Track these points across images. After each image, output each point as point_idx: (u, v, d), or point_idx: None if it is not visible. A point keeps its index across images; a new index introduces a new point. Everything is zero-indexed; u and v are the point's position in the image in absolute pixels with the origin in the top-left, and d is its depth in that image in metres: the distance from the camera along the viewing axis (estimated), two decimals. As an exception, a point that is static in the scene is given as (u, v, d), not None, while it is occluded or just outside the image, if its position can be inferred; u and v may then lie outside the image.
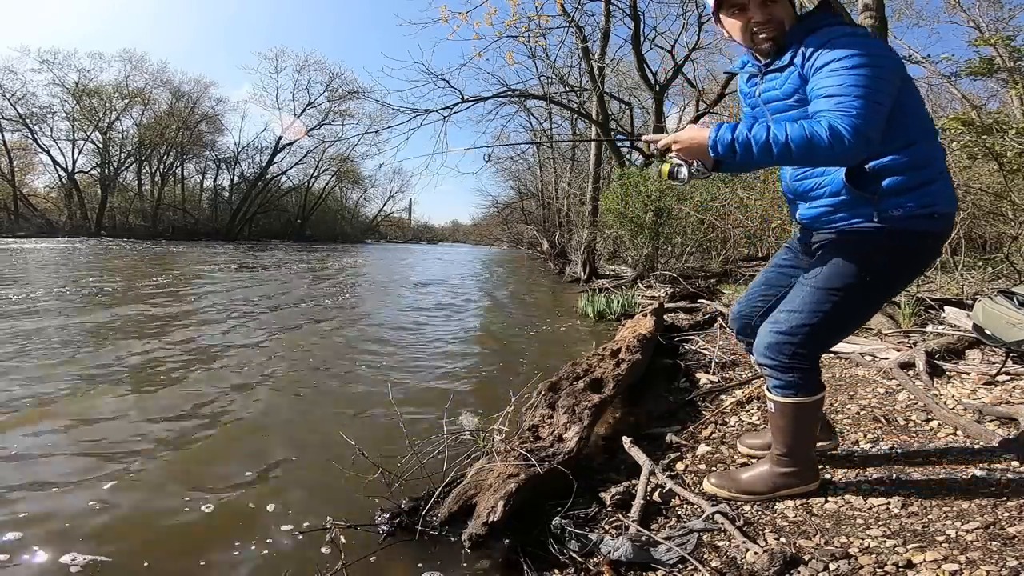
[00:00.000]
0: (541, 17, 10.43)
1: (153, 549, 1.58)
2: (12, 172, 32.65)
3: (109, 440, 2.36)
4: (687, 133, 1.45)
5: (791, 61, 1.43)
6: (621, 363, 2.79)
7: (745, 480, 1.70)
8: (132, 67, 35.48)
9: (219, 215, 41.54)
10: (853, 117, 1.23)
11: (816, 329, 1.51)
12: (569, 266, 13.60)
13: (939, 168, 1.45)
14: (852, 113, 1.24)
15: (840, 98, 1.27)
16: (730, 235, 8.52)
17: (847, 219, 1.48)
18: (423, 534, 1.61)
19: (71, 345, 4.08)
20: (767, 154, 1.30)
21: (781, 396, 1.58)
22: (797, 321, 1.52)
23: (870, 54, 1.30)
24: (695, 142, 1.43)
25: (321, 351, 4.26)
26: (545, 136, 20.59)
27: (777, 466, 1.66)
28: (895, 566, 1.28)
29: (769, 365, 1.57)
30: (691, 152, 1.47)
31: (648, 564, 1.41)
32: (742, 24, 1.48)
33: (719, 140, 1.35)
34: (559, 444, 1.94)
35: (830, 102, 1.28)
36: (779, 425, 1.61)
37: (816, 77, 1.35)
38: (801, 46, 1.40)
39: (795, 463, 1.65)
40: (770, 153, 1.30)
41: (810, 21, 1.44)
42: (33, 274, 9.64)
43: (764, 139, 1.29)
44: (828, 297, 1.49)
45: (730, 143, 1.34)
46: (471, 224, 49.09)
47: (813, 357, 1.56)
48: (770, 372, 1.58)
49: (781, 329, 1.54)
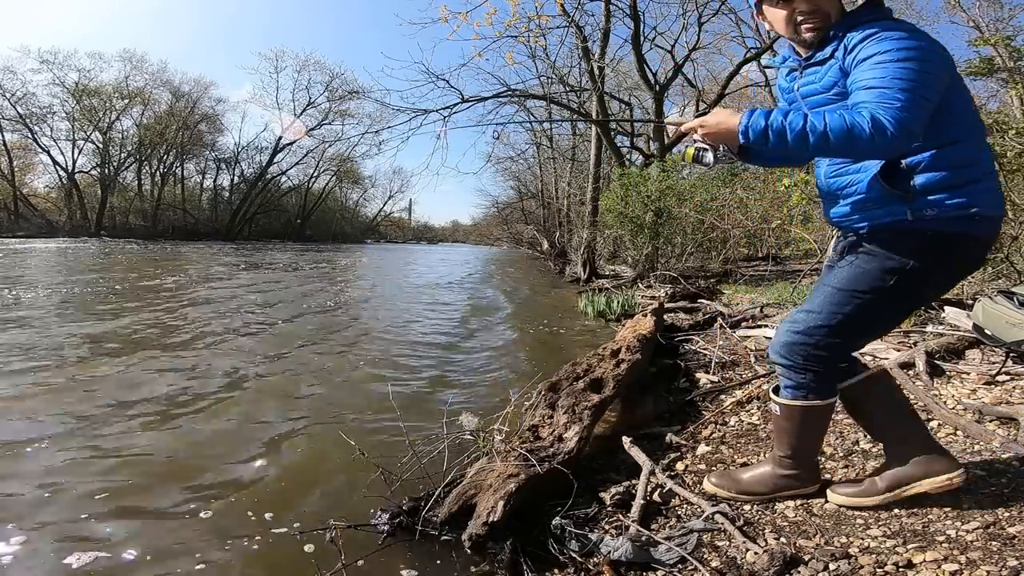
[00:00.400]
0: (541, 17, 10.45)
1: (153, 549, 1.58)
2: (12, 172, 32.62)
3: (108, 439, 2.36)
4: (715, 117, 1.40)
5: (832, 54, 1.37)
6: (621, 363, 2.79)
7: (746, 480, 1.70)
8: (132, 67, 35.50)
9: (219, 215, 41.53)
10: (897, 109, 1.18)
11: (835, 332, 1.44)
12: (569, 266, 13.60)
13: (985, 168, 1.36)
14: (896, 105, 1.18)
15: (883, 90, 1.21)
16: (730, 235, 8.53)
17: (878, 217, 1.41)
18: (423, 534, 1.61)
19: (70, 344, 4.08)
20: (802, 143, 1.24)
21: (789, 398, 1.54)
22: (815, 322, 1.46)
23: (918, 48, 1.24)
24: (724, 127, 1.37)
25: (321, 351, 4.26)
26: (546, 136, 20.62)
27: (779, 467, 1.65)
28: (895, 566, 1.28)
29: (782, 364, 1.52)
30: (718, 137, 1.41)
31: (648, 564, 1.41)
32: (786, 14, 1.42)
33: (751, 126, 1.29)
34: (559, 444, 1.94)
35: (872, 94, 1.22)
36: (784, 427, 1.59)
37: (858, 70, 1.29)
38: (843, 40, 1.35)
39: (797, 466, 1.63)
40: (805, 142, 1.23)
41: (856, 16, 1.38)
42: (33, 275, 9.64)
43: (800, 127, 1.23)
44: (850, 299, 1.42)
45: (763, 130, 1.28)
46: (471, 224, 49.14)
47: (830, 361, 1.49)
48: (782, 371, 1.54)
49: (798, 329, 1.49)
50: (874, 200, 1.40)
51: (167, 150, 38.46)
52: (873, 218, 1.42)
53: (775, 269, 8.91)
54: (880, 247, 1.41)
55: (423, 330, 5.39)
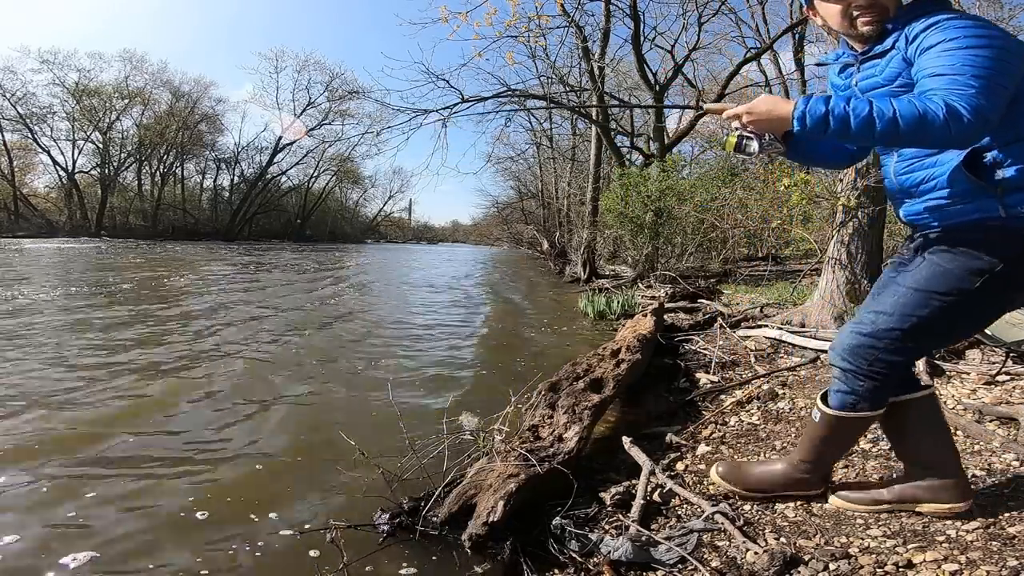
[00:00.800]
0: (541, 17, 10.44)
1: (153, 549, 1.58)
2: (12, 172, 32.64)
3: (108, 438, 2.36)
4: (764, 104, 1.31)
5: (893, 45, 1.30)
6: (621, 363, 2.79)
7: (755, 476, 1.68)
8: (132, 67, 35.54)
9: (219, 215, 41.54)
10: (972, 96, 1.11)
11: (907, 336, 1.33)
12: (569, 266, 13.60)
13: None
14: (970, 92, 1.11)
15: (955, 77, 1.14)
16: (730, 235, 8.52)
17: (965, 213, 1.29)
18: (423, 534, 1.61)
19: (68, 344, 4.08)
20: (867, 130, 1.16)
21: (838, 407, 1.44)
22: (886, 324, 1.35)
23: (988, 35, 1.17)
24: (774, 115, 1.28)
25: (321, 351, 4.26)
26: (546, 136, 20.62)
27: (794, 471, 1.61)
28: (895, 566, 1.27)
29: (843, 368, 1.41)
30: (766, 125, 1.32)
31: (648, 564, 1.41)
32: (841, 8, 1.36)
33: (809, 112, 1.21)
34: (559, 444, 1.94)
35: (942, 80, 1.15)
36: (818, 435, 1.50)
37: (924, 58, 1.21)
38: (903, 30, 1.28)
39: (814, 471, 1.60)
40: (871, 129, 1.15)
41: (916, 7, 1.31)
42: (34, 275, 9.64)
43: (866, 113, 1.15)
44: (927, 301, 1.31)
45: (822, 116, 1.19)
46: (471, 224, 49.24)
47: (896, 367, 1.39)
48: (840, 376, 1.43)
49: (865, 331, 1.38)
50: (959, 195, 1.29)
51: (167, 150, 38.47)
52: (957, 215, 1.31)
53: (775, 269, 8.92)
54: (968, 245, 1.29)
55: (423, 330, 5.39)
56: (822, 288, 4.27)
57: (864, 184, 4.06)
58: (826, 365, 3.15)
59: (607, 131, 11.56)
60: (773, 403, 2.56)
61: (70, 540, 1.60)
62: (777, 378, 2.95)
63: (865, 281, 4.09)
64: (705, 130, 16.74)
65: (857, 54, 1.42)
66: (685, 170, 10.11)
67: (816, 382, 2.82)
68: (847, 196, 4.13)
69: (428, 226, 67.02)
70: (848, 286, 4.09)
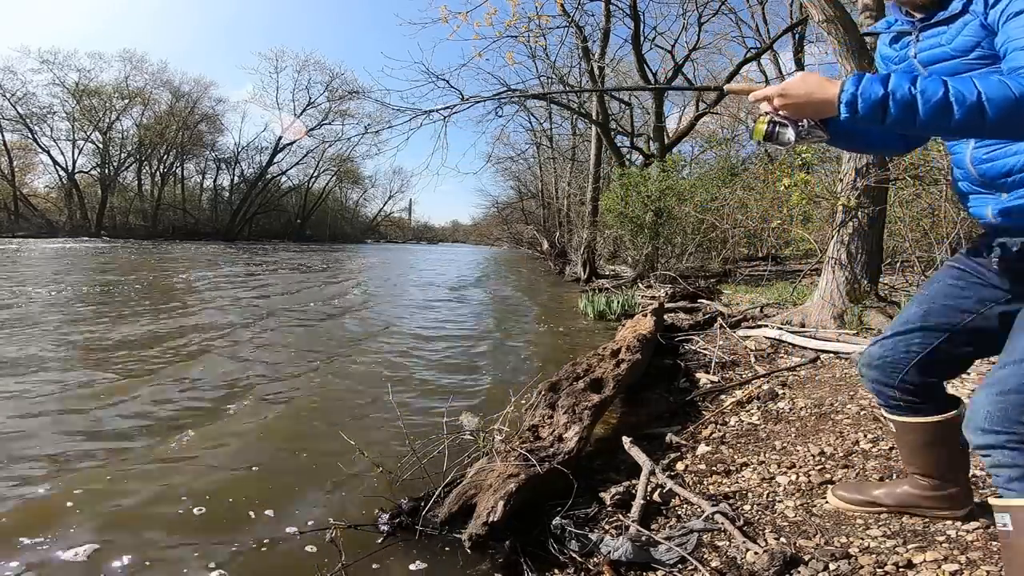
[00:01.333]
0: (541, 17, 10.47)
1: (153, 548, 1.58)
2: (12, 172, 32.63)
3: (109, 437, 2.36)
4: (801, 86, 1.06)
5: (965, 8, 1.08)
6: (621, 363, 2.79)
7: None
8: (132, 67, 35.53)
9: (219, 215, 41.55)
10: None
11: None
12: (569, 266, 13.61)
13: None
14: None
15: None
16: (730, 235, 8.52)
17: None
18: (423, 534, 1.61)
19: (67, 342, 4.09)
20: (941, 118, 0.92)
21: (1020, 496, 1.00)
22: None
23: None
24: (815, 97, 1.04)
25: (321, 351, 4.26)
26: (546, 136, 20.62)
27: None
28: (895, 566, 1.28)
29: (1002, 446, 1.02)
30: (804, 110, 1.08)
31: (648, 564, 1.41)
32: None
33: (862, 94, 0.97)
34: (559, 444, 1.94)
35: None
36: None
37: (1012, 25, 0.98)
38: None
39: None
40: (947, 116, 0.92)
41: None
42: (34, 276, 9.64)
43: (940, 96, 0.91)
44: None
45: (880, 100, 0.95)
46: (471, 224, 49.28)
47: None
48: (1005, 457, 1.02)
49: (1009, 387, 1.03)
50: None
51: (167, 150, 38.47)
52: None
53: (775, 269, 8.92)
54: None
55: (422, 330, 5.39)
56: (822, 288, 4.27)
57: (864, 184, 4.06)
58: (825, 365, 3.15)
59: (607, 131, 11.57)
60: (773, 403, 2.56)
61: (72, 534, 1.60)
62: (777, 378, 2.95)
63: (865, 281, 4.09)
64: (705, 130, 16.76)
65: (915, 20, 1.18)
66: (685, 170, 10.12)
67: (816, 382, 2.82)
68: (847, 196, 4.13)
69: (428, 226, 67.12)
70: (848, 286, 4.09)
